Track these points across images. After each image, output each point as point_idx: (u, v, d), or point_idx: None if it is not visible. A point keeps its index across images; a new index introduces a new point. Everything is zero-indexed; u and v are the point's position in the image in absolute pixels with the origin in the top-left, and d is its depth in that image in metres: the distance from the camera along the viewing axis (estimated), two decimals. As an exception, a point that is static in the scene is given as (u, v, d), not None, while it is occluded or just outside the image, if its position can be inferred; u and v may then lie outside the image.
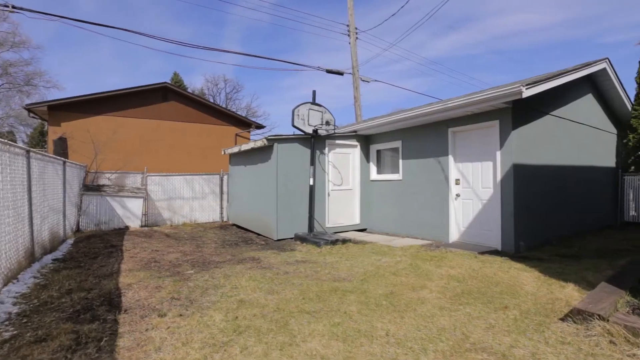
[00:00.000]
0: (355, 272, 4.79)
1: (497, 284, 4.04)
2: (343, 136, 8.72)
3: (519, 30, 56.92)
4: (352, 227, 8.86)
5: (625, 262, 4.87)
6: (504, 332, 2.79)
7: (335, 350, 2.53)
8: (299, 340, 2.69)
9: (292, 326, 2.96)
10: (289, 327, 2.94)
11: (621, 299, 2.98)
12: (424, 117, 7.10)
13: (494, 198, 6.38)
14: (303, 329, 2.89)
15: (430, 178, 7.43)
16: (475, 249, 6.23)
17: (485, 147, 6.53)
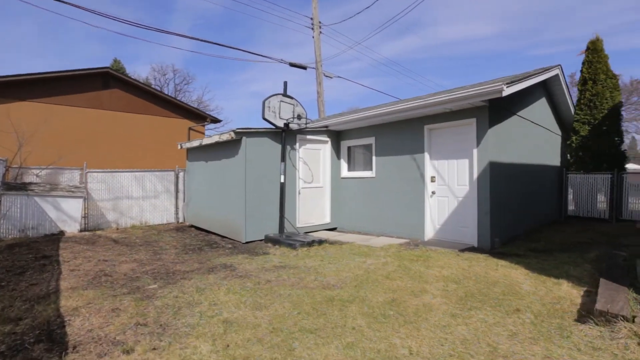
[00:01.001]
0: (344, 277, 4.40)
1: (494, 284, 3.93)
2: (314, 131, 8.28)
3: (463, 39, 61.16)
4: (323, 226, 8.49)
5: (595, 256, 5.12)
6: (530, 340, 2.59)
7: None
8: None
9: (298, 352, 2.47)
10: (296, 353, 2.45)
11: (628, 297, 2.97)
12: (400, 113, 6.94)
13: (470, 195, 6.42)
14: (314, 355, 2.42)
15: (405, 175, 7.32)
16: (453, 246, 6.22)
17: (461, 144, 6.55)
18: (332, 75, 14.75)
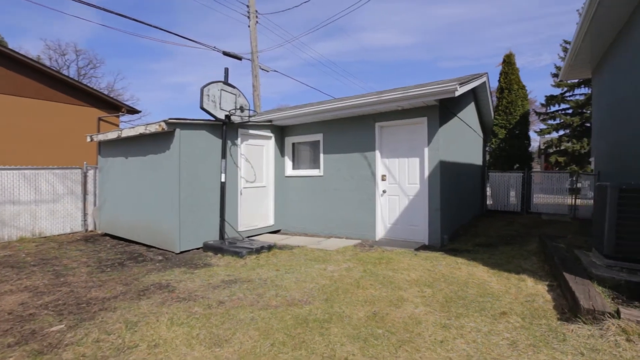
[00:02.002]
0: (309, 289, 3.88)
1: (466, 285, 3.84)
2: (257, 125, 7.54)
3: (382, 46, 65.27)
4: (267, 229, 7.81)
5: (535, 248, 5.53)
6: (532, 348, 2.44)
7: None
8: None
9: (290, 405, 1.88)
10: (287, 408, 1.85)
11: (598, 290, 3.07)
12: (351, 109, 6.67)
13: (420, 193, 6.46)
14: (312, 408, 1.85)
15: (356, 174, 7.10)
16: (405, 245, 6.18)
17: (412, 143, 6.56)
18: (268, 69, 13.98)
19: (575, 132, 23.72)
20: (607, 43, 8.45)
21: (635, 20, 6.47)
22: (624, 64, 7.47)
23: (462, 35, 59.57)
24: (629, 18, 6.90)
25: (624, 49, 7.58)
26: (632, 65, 6.62)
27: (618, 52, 8.04)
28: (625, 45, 7.11)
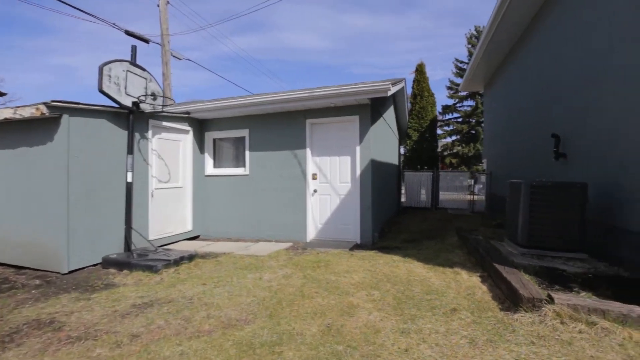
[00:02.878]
0: (247, 304, 3.37)
1: (409, 283, 3.82)
2: (173, 117, 6.54)
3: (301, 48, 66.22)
4: (184, 235, 6.86)
5: (456, 241, 5.98)
6: (490, 344, 2.44)
7: None
8: None
9: None
10: None
11: (528, 278, 3.34)
12: (281, 104, 6.27)
13: (352, 192, 6.43)
14: None
15: (285, 173, 6.72)
16: (338, 245, 6.07)
17: (344, 141, 6.49)
18: (181, 57, 12.55)
19: (464, 137, 27.60)
20: (495, 66, 9.85)
21: (515, 54, 7.63)
22: (510, 82, 8.74)
23: (372, 44, 64.29)
24: (512, 48, 8.09)
25: (508, 71, 8.89)
26: (515, 84, 7.72)
27: (504, 73, 9.42)
28: (509, 69, 8.34)
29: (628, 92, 3.93)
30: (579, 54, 5.09)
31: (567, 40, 5.49)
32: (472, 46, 25.92)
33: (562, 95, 5.60)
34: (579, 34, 5.12)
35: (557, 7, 5.92)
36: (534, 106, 6.85)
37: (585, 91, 4.87)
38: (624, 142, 3.98)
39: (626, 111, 3.95)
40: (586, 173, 4.70)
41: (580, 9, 5.11)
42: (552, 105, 5.93)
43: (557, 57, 5.83)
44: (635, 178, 3.75)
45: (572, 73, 5.27)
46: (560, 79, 5.70)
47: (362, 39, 64.95)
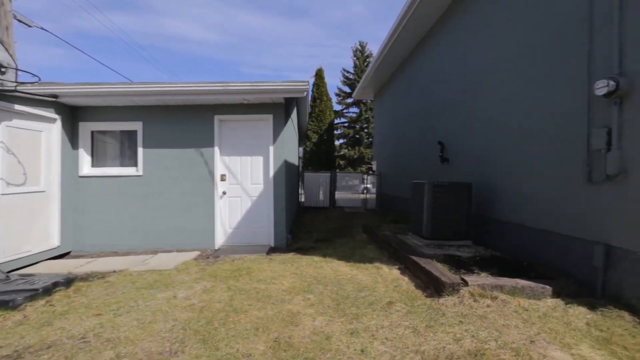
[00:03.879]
0: (167, 330, 2.82)
1: (339, 283, 3.89)
2: (31, 100, 5.01)
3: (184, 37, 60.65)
4: (48, 253, 5.38)
5: (365, 237, 6.42)
6: (430, 329, 2.67)
7: None
8: None
9: None
10: None
11: (443, 266, 3.81)
12: (188, 95, 5.56)
13: (265, 194, 6.20)
14: None
15: (190, 173, 6.00)
16: (252, 250, 5.77)
17: (256, 140, 6.19)
18: (31, 24, 9.81)
19: (350, 141, 30.19)
20: (385, 79, 11.10)
21: (404, 70, 8.79)
22: (399, 93, 9.95)
23: (262, 45, 63.94)
24: (402, 64, 9.25)
25: (397, 84, 10.13)
26: (404, 96, 8.85)
27: (393, 85, 10.68)
28: (398, 82, 9.51)
29: (495, 112, 4.96)
30: (459, 75, 6.16)
31: (449, 62, 6.58)
32: (357, 58, 28.67)
33: (445, 109, 6.67)
34: (458, 58, 6.20)
35: (439, 35, 7.04)
36: (422, 116, 7.97)
37: (464, 107, 5.93)
38: (491, 152, 5.00)
39: (494, 127, 4.98)
40: (465, 175, 5.72)
41: (459, 36, 6.20)
42: (438, 116, 7.02)
43: (442, 75, 6.94)
44: (498, 181, 4.76)
45: (454, 91, 6.35)
46: (444, 95, 6.79)
47: (253, 38, 63.97)
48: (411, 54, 8.74)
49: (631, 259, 2.94)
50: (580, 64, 3.43)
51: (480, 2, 5.51)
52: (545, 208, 3.92)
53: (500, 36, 4.93)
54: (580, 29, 3.44)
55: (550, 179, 3.86)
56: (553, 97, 3.82)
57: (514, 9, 4.64)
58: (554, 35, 3.85)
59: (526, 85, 4.30)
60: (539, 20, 4.11)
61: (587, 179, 3.35)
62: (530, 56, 4.24)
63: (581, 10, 3.45)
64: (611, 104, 3.06)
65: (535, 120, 4.12)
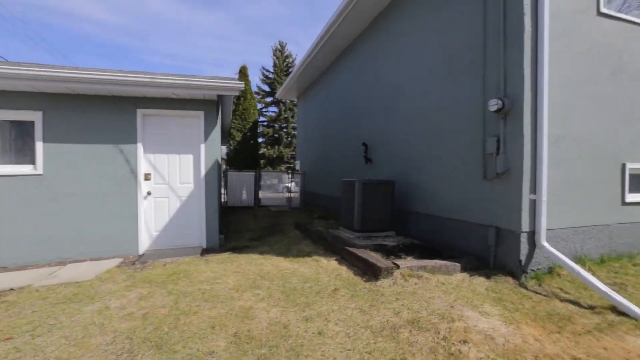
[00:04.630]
0: (108, 343, 2.61)
1: (284, 277, 4.05)
2: None
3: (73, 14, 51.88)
4: None
5: (299, 233, 6.66)
6: (373, 308, 3.06)
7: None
8: None
9: None
10: None
11: (377, 254, 4.29)
12: (105, 84, 4.98)
13: (195, 194, 5.95)
14: None
15: (106, 172, 5.39)
16: (182, 252, 5.50)
17: (186, 138, 5.89)
18: None
19: (269, 140, 30.14)
20: (310, 82, 11.58)
21: (330, 74, 9.37)
22: (324, 96, 10.51)
23: (174, 33, 58.72)
24: (328, 68, 9.81)
25: (322, 87, 10.70)
26: (330, 99, 9.46)
27: (318, 87, 11.21)
28: (324, 85, 10.06)
29: (412, 119, 5.76)
30: (380, 84, 6.88)
31: (372, 72, 7.29)
32: (277, 58, 28.76)
33: (369, 114, 7.36)
34: (380, 69, 6.92)
35: (363, 46, 7.73)
36: (348, 119, 8.58)
37: (385, 113, 6.67)
38: (409, 155, 5.79)
39: (411, 133, 5.77)
40: (387, 174, 6.45)
41: (382, 48, 6.93)
42: (363, 120, 7.68)
43: (365, 83, 7.63)
44: (415, 179, 5.56)
45: (377, 98, 7.06)
46: (368, 101, 7.47)
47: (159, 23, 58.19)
48: (337, 60, 9.32)
49: (511, 237, 3.84)
50: (478, 85, 4.30)
51: (399, 22, 6.28)
52: (452, 201, 4.77)
53: (416, 54, 5.73)
54: (480, 57, 4.30)
55: (456, 176, 4.71)
56: (459, 110, 4.67)
57: (428, 31, 5.46)
58: (460, 60, 4.70)
59: (438, 98, 5.13)
60: (448, 43, 4.95)
61: (482, 176, 4.22)
62: (442, 74, 5.07)
63: (479, 45, 4.32)
64: (499, 118, 3.94)
65: (444, 128, 4.96)
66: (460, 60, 4.66)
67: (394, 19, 6.42)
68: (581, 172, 4.11)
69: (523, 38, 3.72)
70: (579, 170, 4.10)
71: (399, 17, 6.24)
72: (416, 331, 2.65)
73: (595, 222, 4.22)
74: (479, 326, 2.70)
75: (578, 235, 4.08)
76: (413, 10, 5.80)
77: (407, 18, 5.97)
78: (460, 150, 4.64)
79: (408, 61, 5.94)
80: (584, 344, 2.47)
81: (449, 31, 4.91)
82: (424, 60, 5.50)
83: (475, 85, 4.35)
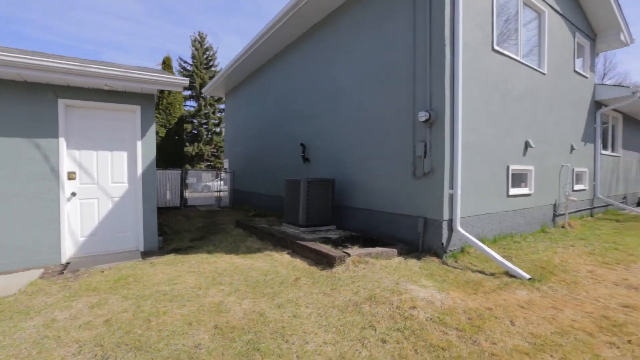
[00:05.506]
0: (74, 353, 2.50)
1: (243, 273, 4.19)
2: None
3: None
4: None
5: (243, 231, 6.71)
6: (334, 291, 3.50)
7: None
8: None
9: None
10: None
11: (327, 244, 4.72)
12: (20, 69, 4.33)
13: (130, 194, 5.56)
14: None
15: (17, 171, 4.69)
16: (118, 257, 5.12)
17: (119, 133, 5.45)
18: None
19: (187, 137, 28.28)
20: (240, 80, 11.56)
21: (262, 74, 9.54)
22: (258, 96, 10.63)
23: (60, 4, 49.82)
24: (260, 68, 9.96)
25: (255, 86, 10.82)
26: (265, 99, 9.71)
27: (250, 86, 11.26)
28: (257, 85, 10.18)
29: (352, 123, 6.39)
30: (321, 89, 7.36)
31: (312, 76, 7.73)
32: (196, 49, 27.10)
33: (309, 116, 7.78)
34: (322, 75, 7.40)
35: (302, 49, 8.11)
36: (286, 120, 8.83)
37: (324, 116, 7.19)
38: (348, 156, 6.42)
39: (351, 136, 6.40)
40: (325, 173, 6.98)
41: (323, 55, 7.42)
42: (301, 121, 8.05)
43: (305, 85, 8.02)
44: (350, 178, 6.22)
45: (316, 101, 7.52)
46: (308, 104, 7.87)
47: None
48: (275, 60, 9.46)
49: (435, 225, 4.72)
50: (410, 98, 5.10)
51: (344, 31, 6.83)
52: (387, 196, 5.52)
53: (357, 65, 6.35)
54: (411, 75, 5.10)
55: (390, 175, 5.47)
56: (394, 118, 5.43)
57: (370, 46, 6.13)
58: (395, 76, 5.45)
59: (375, 107, 5.83)
60: (385, 62, 5.68)
61: (412, 175, 5.04)
62: (379, 87, 5.79)
63: (410, 65, 5.12)
64: (427, 127, 4.78)
65: (381, 134, 5.69)
66: (395, 77, 5.42)
67: (339, 28, 6.85)
68: (481, 172, 5.26)
69: (445, 64, 4.60)
70: (480, 170, 5.23)
71: (345, 25, 6.69)
72: (375, 305, 3.18)
73: (490, 210, 5.44)
74: (420, 295, 3.37)
75: (480, 221, 5.22)
76: (357, 26, 6.36)
77: (352, 29, 6.47)
78: (394, 153, 5.40)
79: (349, 71, 6.53)
80: (492, 299, 3.33)
81: (386, 50, 5.63)
82: (364, 71, 6.14)
83: (407, 98, 5.15)
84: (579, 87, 7.87)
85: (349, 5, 6.46)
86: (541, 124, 6.55)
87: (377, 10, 5.79)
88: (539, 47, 6.62)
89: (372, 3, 5.91)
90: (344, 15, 6.62)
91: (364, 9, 6.09)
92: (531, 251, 5.10)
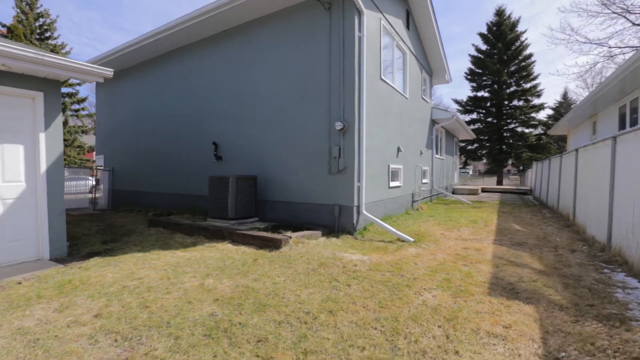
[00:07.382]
0: (88, 343, 2.63)
1: (200, 262, 4.52)
2: None
3: None
4: None
5: (163, 229, 6.52)
6: (288, 265, 4.36)
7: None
8: None
9: None
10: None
11: (264, 233, 5.41)
12: None
13: (28, 195, 4.85)
14: None
15: None
16: (16, 270, 4.45)
17: (12, 123, 4.66)
18: None
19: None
20: (124, 68, 10.56)
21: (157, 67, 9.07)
22: (149, 87, 10.05)
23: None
24: (158, 58, 9.35)
25: (146, 76, 10.18)
26: (159, 92, 9.43)
27: (141, 76, 10.44)
28: (147, 75, 9.55)
29: (269, 126, 7.18)
30: (239, 91, 7.77)
31: (227, 75, 8.02)
32: (24, 12, 21.19)
33: (223, 115, 8.02)
34: (240, 77, 7.81)
35: (221, 50, 8.26)
36: (192, 118, 8.66)
37: (240, 117, 7.67)
38: (268, 155, 7.20)
39: (271, 138, 7.19)
40: (241, 171, 7.52)
41: (242, 58, 7.82)
42: (213, 120, 8.19)
43: (219, 86, 8.20)
44: (270, 174, 7.08)
45: (232, 102, 7.87)
46: (223, 103, 8.06)
47: None
48: (181, 53, 9.05)
49: (348, 210, 6.13)
50: (326, 110, 6.33)
51: (265, 38, 7.44)
52: (307, 190, 6.62)
53: (279, 74, 7.15)
54: (327, 91, 6.34)
55: (310, 172, 6.59)
56: (313, 125, 6.55)
57: (292, 57, 7.02)
58: (314, 90, 6.57)
59: (295, 114, 6.81)
60: (307, 77, 6.72)
61: (328, 172, 6.31)
62: (300, 96, 6.79)
63: (326, 83, 6.35)
64: (341, 134, 6.13)
65: (301, 137, 6.72)
66: (313, 91, 6.55)
67: (261, 34, 7.35)
68: (375, 169, 7.02)
69: (354, 86, 6.05)
70: (375, 168, 6.98)
71: (267, 35, 7.26)
72: (328, 268, 4.24)
73: (380, 198, 7.29)
74: (354, 259, 4.64)
75: (375, 205, 6.97)
76: (277, 37, 7.10)
77: (273, 40, 7.14)
78: (312, 154, 6.55)
79: (267, 77, 7.24)
80: (397, 254, 4.90)
81: (305, 65, 6.66)
82: (283, 81, 7.00)
83: (325, 109, 6.38)
84: (424, 109, 10.98)
85: (272, 18, 7.10)
86: (405, 134, 8.99)
87: (298, 34, 6.79)
88: (403, 77, 9.04)
89: (293, 25, 6.83)
90: (264, 26, 7.25)
91: (287, 25, 6.90)
92: (405, 225, 7.19)
